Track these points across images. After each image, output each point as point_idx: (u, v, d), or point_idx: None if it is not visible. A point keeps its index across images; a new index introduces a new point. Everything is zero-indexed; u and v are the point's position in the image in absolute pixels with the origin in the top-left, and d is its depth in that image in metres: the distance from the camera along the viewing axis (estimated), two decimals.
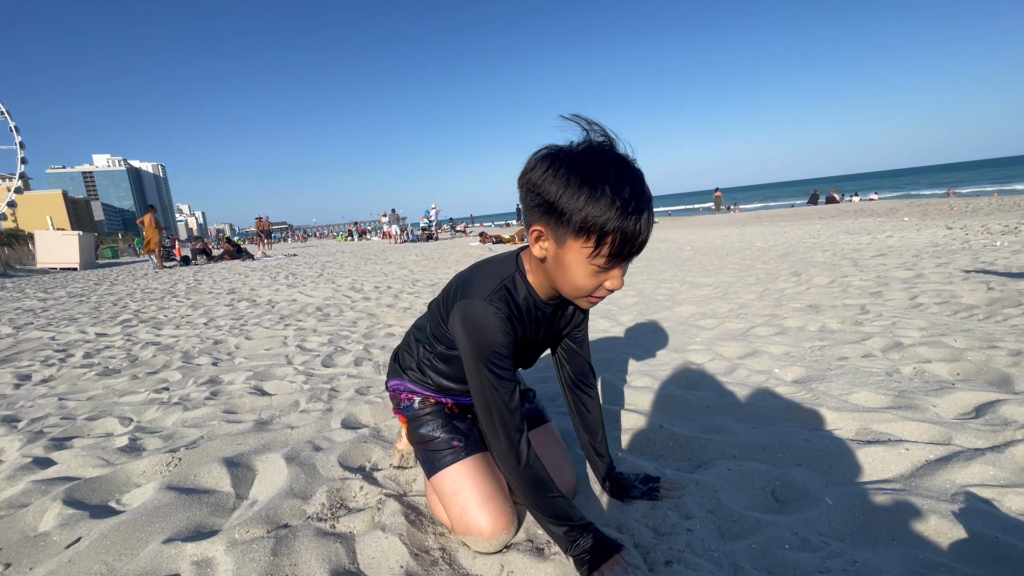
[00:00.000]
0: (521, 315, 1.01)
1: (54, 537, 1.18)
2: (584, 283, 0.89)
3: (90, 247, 14.19)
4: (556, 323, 1.15)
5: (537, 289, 1.01)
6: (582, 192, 0.81)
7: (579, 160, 0.83)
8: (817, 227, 9.97)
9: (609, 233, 0.82)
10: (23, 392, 2.47)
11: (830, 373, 1.96)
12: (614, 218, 0.80)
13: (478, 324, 0.96)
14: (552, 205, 0.84)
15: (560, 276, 0.92)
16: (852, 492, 1.16)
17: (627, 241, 0.83)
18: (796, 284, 3.99)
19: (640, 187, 0.83)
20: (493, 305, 0.96)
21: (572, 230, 0.84)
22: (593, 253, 0.84)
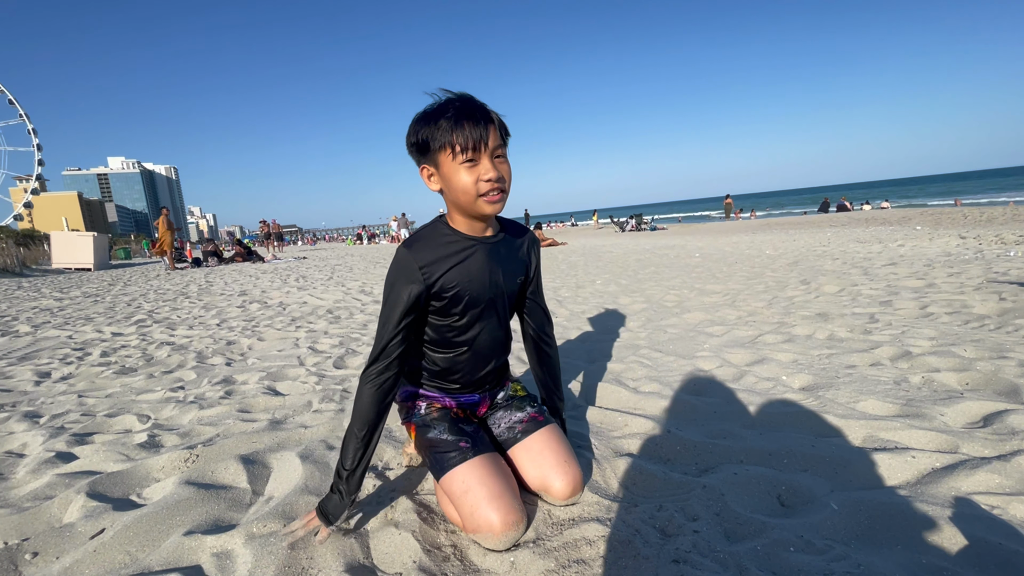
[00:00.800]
0: (440, 251, 1.18)
1: (79, 528, 1.22)
2: (465, 180, 1.10)
3: (104, 248, 14.43)
4: (506, 261, 1.28)
5: (460, 227, 1.21)
6: (428, 124, 1.10)
7: (425, 110, 1.12)
8: (828, 235, 9.92)
9: (454, 136, 1.07)
10: (43, 389, 2.53)
11: (838, 381, 1.97)
12: (450, 127, 1.07)
13: (396, 262, 1.18)
14: (422, 144, 1.12)
15: (453, 191, 1.13)
16: (857, 497, 1.18)
17: (468, 135, 1.07)
18: (805, 292, 3.98)
19: (464, 106, 1.09)
20: (407, 246, 1.18)
21: (436, 149, 1.10)
22: (454, 154, 1.09)
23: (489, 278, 1.23)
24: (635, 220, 22.07)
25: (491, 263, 1.23)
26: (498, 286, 1.26)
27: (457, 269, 1.18)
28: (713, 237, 12.43)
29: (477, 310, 1.24)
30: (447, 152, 1.10)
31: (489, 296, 1.24)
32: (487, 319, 1.27)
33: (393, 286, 1.16)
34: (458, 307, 1.21)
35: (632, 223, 21.87)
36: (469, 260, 1.20)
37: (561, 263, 8.24)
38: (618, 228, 22.52)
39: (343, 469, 1.13)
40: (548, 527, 1.16)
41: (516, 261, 1.31)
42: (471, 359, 1.30)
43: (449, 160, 1.10)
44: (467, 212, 1.17)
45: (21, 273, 11.76)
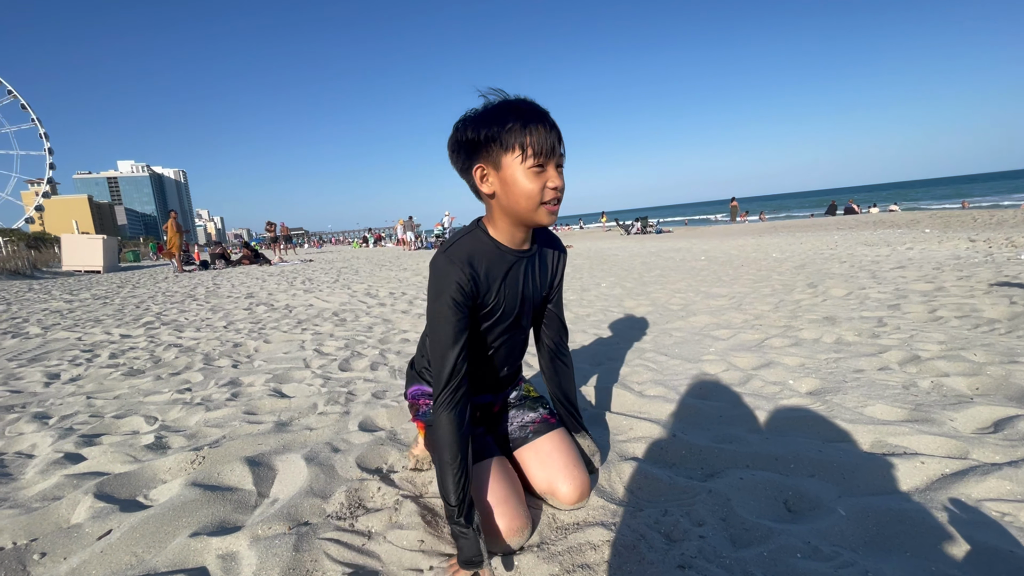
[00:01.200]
0: (481, 262, 1.12)
1: (86, 529, 1.23)
2: (531, 187, 1.05)
3: (113, 251, 14.56)
4: (537, 275, 1.24)
5: (500, 238, 1.15)
6: (494, 122, 1.04)
7: (486, 108, 1.07)
8: (835, 238, 9.85)
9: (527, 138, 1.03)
10: (53, 390, 2.56)
11: (845, 385, 1.95)
12: (522, 128, 1.03)
13: (437, 272, 1.09)
14: (483, 142, 1.05)
15: (513, 195, 1.07)
16: (866, 503, 1.17)
17: (543, 140, 1.04)
18: (812, 296, 3.96)
19: (534, 108, 1.06)
20: (449, 256, 1.10)
21: (502, 148, 1.04)
22: (524, 157, 1.04)
23: (522, 292, 1.21)
24: (640, 223, 22.02)
25: (525, 277, 1.21)
26: (528, 301, 1.24)
27: (499, 283, 1.15)
28: (719, 240, 12.38)
29: (507, 323, 1.22)
30: (514, 153, 1.04)
31: (519, 309, 1.22)
32: (513, 330, 1.26)
33: (438, 298, 1.08)
34: (491, 320, 1.19)
35: (637, 226, 21.82)
36: (510, 275, 1.17)
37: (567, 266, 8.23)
38: (623, 231, 22.48)
39: (453, 507, 1.02)
40: (553, 531, 1.16)
41: (545, 274, 1.29)
42: (490, 367, 1.29)
43: (516, 163, 1.05)
44: (523, 219, 1.11)
45: (32, 275, 11.89)
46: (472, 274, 1.09)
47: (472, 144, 1.07)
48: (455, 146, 1.10)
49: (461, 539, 1.01)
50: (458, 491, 1.03)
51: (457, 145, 1.10)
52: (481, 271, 1.11)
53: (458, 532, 1.02)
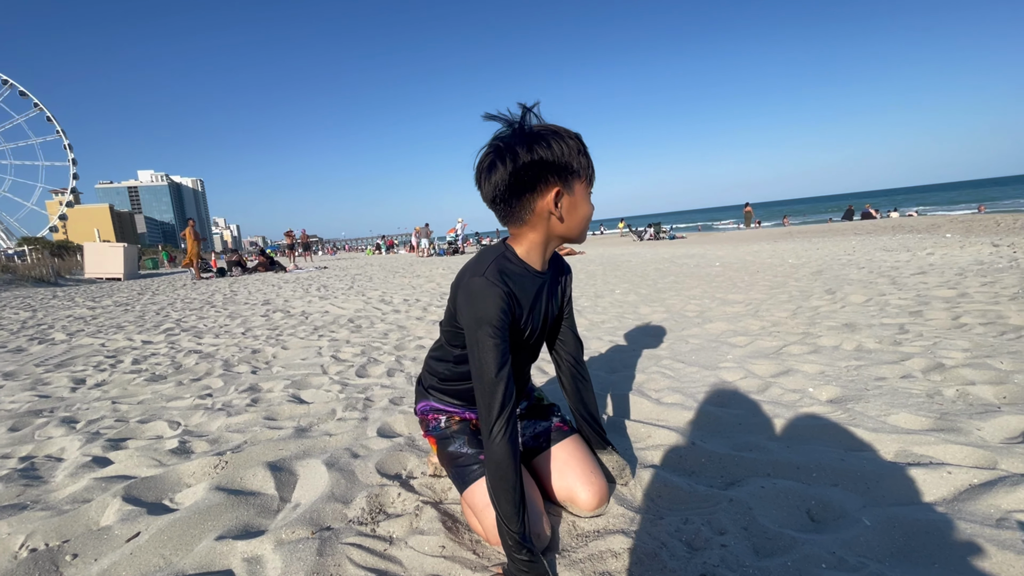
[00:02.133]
0: (516, 284, 1.11)
1: (116, 531, 1.26)
2: (590, 211, 1.13)
3: (133, 258, 14.89)
4: (554, 293, 1.26)
5: (530, 260, 1.16)
6: (564, 144, 1.05)
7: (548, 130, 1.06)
8: (852, 243, 9.71)
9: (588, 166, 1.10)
10: (79, 395, 2.62)
11: (867, 393, 1.92)
12: (583, 155, 1.08)
13: (477, 295, 1.06)
14: (563, 165, 1.05)
15: (576, 218, 1.11)
16: (891, 514, 1.15)
17: (592, 168, 1.12)
18: (831, 302, 3.90)
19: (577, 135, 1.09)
20: (488, 277, 1.07)
21: (574, 174, 1.07)
22: (587, 184, 1.11)
23: (545, 313, 1.23)
24: (653, 229, 21.92)
25: (548, 298, 1.23)
26: (548, 321, 1.26)
27: (532, 305, 1.16)
28: (733, 246, 12.27)
29: (531, 343, 1.24)
30: (583, 181, 1.09)
31: (541, 329, 1.24)
32: (531, 348, 1.27)
33: (482, 321, 1.04)
34: (519, 341, 1.19)
35: (651, 232, 21.72)
36: (536, 298, 1.18)
37: (579, 272, 8.21)
38: (636, 237, 22.39)
39: (516, 533, 0.98)
40: (573, 538, 1.16)
41: (558, 294, 1.31)
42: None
43: (583, 188, 1.10)
44: (572, 239, 1.16)
45: (56, 283, 12.20)
46: (512, 296, 1.08)
47: (545, 166, 1.03)
48: (522, 168, 1.03)
49: (530, 571, 0.96)
50: (520, 522, 0.99)
51: (525, 167, 1.03)
52: (519, 293, 1.11)
53: (524, 563, 0.97)
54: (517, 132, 1.05)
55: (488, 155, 1.06)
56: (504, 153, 1.04)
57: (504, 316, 1.05)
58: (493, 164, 1.05)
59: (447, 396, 1.35)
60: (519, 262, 1.14)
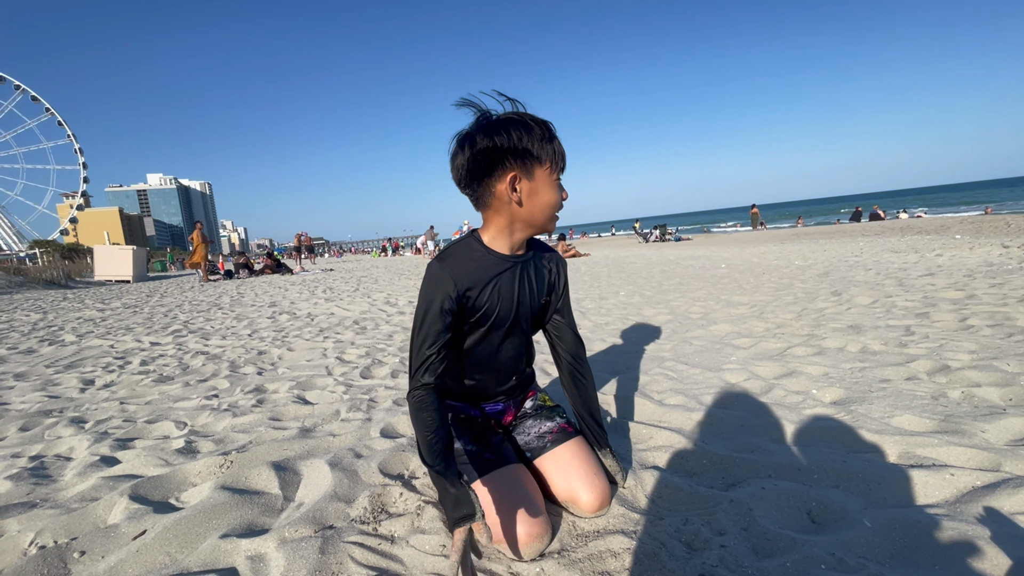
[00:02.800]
0: (470, 269, 1.17)
1: (122, 529, 1.28)
2: (554, 198, 1.15)
3: (142, 261, 15.03)
4: (529, 279, 1.27)
5: (496, 246, 1.21)
6: (526, 132, 1.09)
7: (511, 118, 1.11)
8: (860, 245, 9.64)
9: (553, 153, 1.12)
10: (88, 396, 2.65)
11: (871, 395, 1.92)
12: (548, 143, 1.11)
13: (428, 279, 1.17)
14: (519, 150, 1.09)
15: (538, 204, 1.15)
16: (893, 515, 1.14)
17: (561, 155, 1.15)
18: (836, 304, 3.88)
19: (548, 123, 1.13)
20: (440, 262, 1.17)
21: (536, 160, 1.11)
22: (551, 170, 1.13)
23: (517, 297, 1.24)
24: (659, 231, 21.87)
25: (520, 282, 1.24)
26: (524, 305, 1.27)
27: (489, 288, 1.19)
28: (739, 248, 12.21)
29: (503, 329, 1.25)
30: (546, 166, 1.12)
31: (515, 315, 1.25)
32: (513, 336, 1.29)
33: (427, 300, 1.14)
34: (485, 325, 1.22)
35: (656, 234, 21.67)
36: (501, 279, 1.21)
37: (584, 274, 8.21)
38: (642, 239, 22.35)
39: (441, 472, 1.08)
40: (573, 538, 1.16)
41: (542, 280, 1.31)
42: (495, 374, 1.32)
43: (546, 175, 1.13)
44: (537, 227, 1.19)
45: (67, 285, 12.34)
46: (461, 281, 1.15)
47: (502, 152, 1.09)
48: (480, 153, 1.10)
49: (452, 497, 1.05)
50: (443, 458, 1.09)
51: (483, 152, 1.09)
52: (471, 278, 1.17)
53: (448, 492, 1.06)
54: (480, 120, 1.13)
55: (453, 143, 1.16)
56: (464, 140, 1.13)
57: (448, 300, 1.14)
58: (456, 151, 1.15)
59: (451, 392, 1.36)
60: (482, 248, 1.20)
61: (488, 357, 1.29)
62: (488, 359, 1.29)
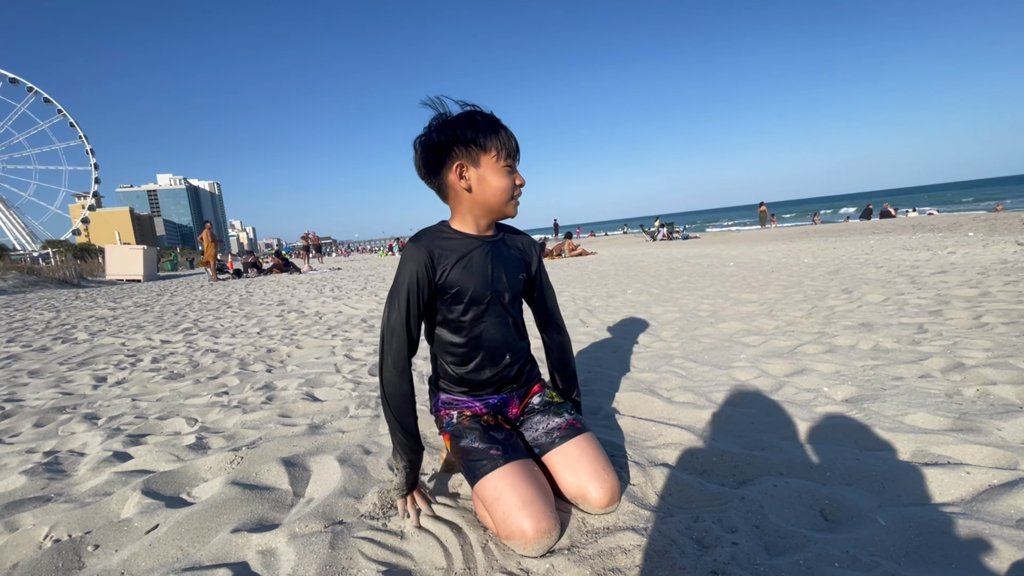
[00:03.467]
0: (439, 246, 1.27)
1: (135, 523, 1.29)
2: (505, 182, 1.23)
3: (153, 260, 15.18)
4: (502, 257, 1.35)
5: (464, 228, 1.31)
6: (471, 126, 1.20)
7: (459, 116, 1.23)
8: (871, 243, 9.54)
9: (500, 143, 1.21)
10: (100, 393, 2.68)
11: (884, 393, 1.89)
12: (495, 134, 1.21)
13: (403, 256, 1.27)
14: (462, 141, 1.20)
15: (489, 190, 1.23)
16: (907, 514, 1.13)
17: (511, 144, 1.23)
18: (847, 301, 3.84)
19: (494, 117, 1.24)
20: (413, 241, 1.28)
21: (481, 149, 1.20)
22: (498, 158, 1.21)
23: (491, 274, 1.31)
24: (666, 229, 21.76)
25: (492, 260, 1.33)
26: (500, 281, 1.33)
27: (460, 265, 1.28)
28: (748, 246, 12.13)
29: (481, 306, 1.31)
30: (491, 154, 1.21)
31: (491, 291, 1.31)
32: (492, 314, 1.34)
33: (402, 273, 1.25)
34: (461, 303, 1.30)
35: (663, 232, 21.57)
36: (471, 256, 1.29)
37: (591, 272, 8.19)
38: (649, 237, 22.25)
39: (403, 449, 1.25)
40: (583, 535, 1.16)
41: (516, 259, 1.40)
42: (484, 355, 1.35)
43: (492, 162, 1.22)
44: (494, 212, 1.29)
45: (79, 284, 12.49)
46: (430, 257, 1.25)
47: (448, 144, 1.21)
48: (430, 147, 1.23)
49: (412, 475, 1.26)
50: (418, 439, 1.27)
51: (432, 146, 1.23)
52: (442, 254, 1.26)
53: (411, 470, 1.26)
54: (432, 120, 1.24)
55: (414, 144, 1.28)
56: (418, 139, 1.26)
57: (422, 270, 1.23)
58: (414, 149, 1.28)
59: (453, 384, 1.38)
60: (451, 230, 1.31)
61: (474, 335, 1.33)
62: (474, 338, 1.33)
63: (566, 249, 14.05)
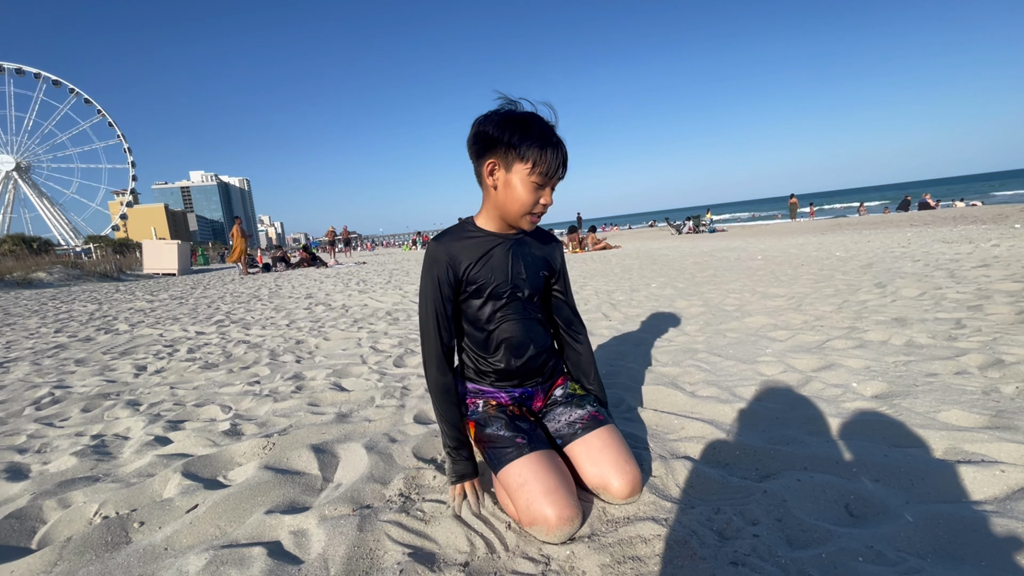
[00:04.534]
0: (461, 243, 1.31)
1: (176, 503, 1.36)
2: (527, 198, 1.22)
3: (186, 255, 15.71)
4: (523, 255, 1.37)
5: (486, 225, 1.33)
6: (520, 131, 1.18)
7: (515, 114, 1.22)
8: (908, 235, 9.19)
9: (539, 158, 1.18)
10: (141, 380, 2.81)
11: (916, 389, 1.84)
12: (539, 148, 1.18)
13: (427, 255, 1.31)
14: (503, 142, 1.19)
15: (509, 197, 1.24)
16: (936, 511, 1.11)
17: (551, 164, 1.20)
18: (880, 296, 3.73)
19: (552, 133, 1.22)
20: (436, 240, 1.32)
21: (518, 156, 1.19)
22: (531, 172, 1.19)
23: (511, 270, 1.34)
24: (692, 222, 21.39)
25: (513, 257, 1.35)
26: (520, 277, 1.35)
27: (481, 262, 1.31)
28: (776, 239, 11.84)
29: (501, 301, 1.34)
30: (526, 164, 1.20)
31: (511, 287, 1.34)
32: (513, 309, 1.36)
33: (426, 276, 1.30)
34: (482, 297, 1.33)
35: (689, 225, 21.21)
36: (492, 253, 1.32)
37: (615, 266, 8.14)
38: (674, 231, 21.91)
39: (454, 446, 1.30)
40: (603, 524, 1.17)
41: (538, 257, 1.42)
42: (506, 349, 1.37)
43: (523, 171, 1.21)
44: (507, 219, 1.30)
45: (118, 278, 13.03)
46: (453, 255, 1.29)
47: (492, 140, 1.21)
48: (477, 135, 1.24)
49: (458, 464, 1.29)
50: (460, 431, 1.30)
51: (479, 136, 1.23)
52: (463, 253, 1.30)
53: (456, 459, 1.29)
54: (499, 108, 1.25)
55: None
56: (477, 119, 1.26)
57: (442, 271, 1.28)
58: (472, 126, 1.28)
59: (478, 375, 1.41)
60: (474, 228, 1.34)
61: (496, 331, 1.36)
62: (497, 332, 1.36)
63: (589, 243, 13.97)
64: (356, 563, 1.08)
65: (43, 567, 1.14)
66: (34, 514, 1.37)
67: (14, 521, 1.33)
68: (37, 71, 62.66)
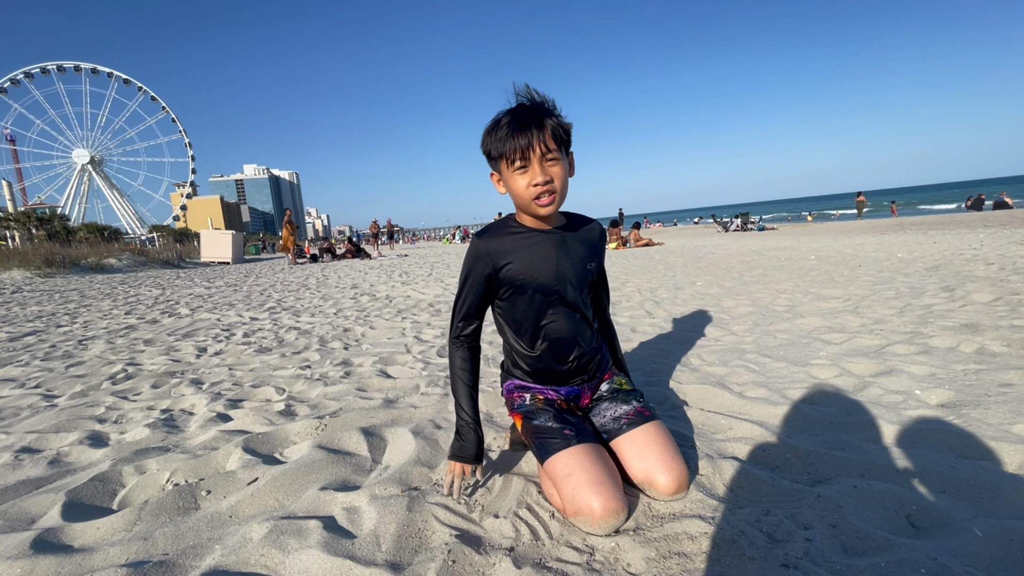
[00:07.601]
0: (503, 239, 1.33)
1: (239, 475, 1.46)
2: (520, 187, 1.23)
3: (240, 245, 16.50)
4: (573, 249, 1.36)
5: (527, 223, 1.34)
6: (490, 134, 1.25)
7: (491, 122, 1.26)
8: (980, 237, 8.54)
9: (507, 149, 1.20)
10: (203, 361, 2.99)
11: (988, 400, 1.73)
12: (502, 141, 1.21)
13: (469, 250, 1.36)
14: (486, 152, 1.27)
15: (512, 193, 1.27)
16: (1009, 527, 1.04)
17: (515, 148, 1.19)
18: (948, 300, 3.50)
19: (514, 118, 1.21)
20: (478, 236, 1.35)
21: (498, 159, 1.25)
22: (508, 165, 1.23)
23: (556, 266, 1.32)
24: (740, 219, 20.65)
25: (557, 252, 1.33)
26: (565, 273, 1.33)
27: (523, 256, 1.31)
28: (831, 238, 11.27)
29: (546, 298, 1.33)
30: (504, 161, 1.24)
31: (557, 283, 1.32)
32: (558, 306, 1.35)
33: (466, 267, 1.35)
34: (526, 294, 1.33)
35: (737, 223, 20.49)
36: (534, 249, 1.32)
37: (658, 263, 7.98)
38: (721, 228, 21.23)
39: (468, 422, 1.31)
40: (648, 519, 1.17)
41: (582, 250, 1.39)
42: (551, 347, 1.36)
43: (506, 168, 1.24)
44: (526, 212, 1.30)
45: (179, 265, 13.85)
46: (494, 251, 1.31)
47: (485, 154, 1.29)
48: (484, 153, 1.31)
49: (466, 442, 1.29)
50: (473, 409, 1.32)
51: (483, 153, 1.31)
52: (504, 248, 1.32)
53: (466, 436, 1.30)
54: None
55: None
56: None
57: (483, 266, 1.32)
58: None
59: (524, 373, 1.42)
60: (516, 224, 1.35)
61: (541, 328, 1.36)
62: (542, 331, 1.36)
63: (632, 239, 13.74)
64: (406, 541, 1.12)
65: (124, 526, 1.24)
66: (114, 478, 1.50)
67: (98, 483, 1.46)
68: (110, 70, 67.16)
